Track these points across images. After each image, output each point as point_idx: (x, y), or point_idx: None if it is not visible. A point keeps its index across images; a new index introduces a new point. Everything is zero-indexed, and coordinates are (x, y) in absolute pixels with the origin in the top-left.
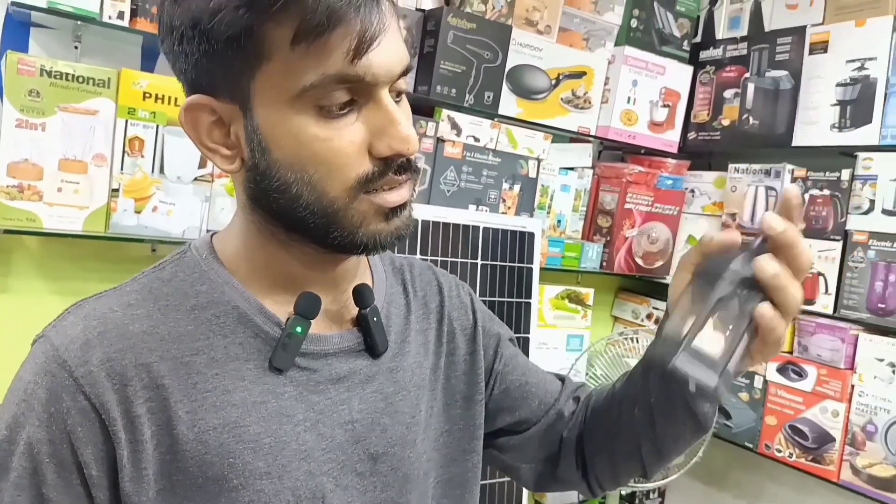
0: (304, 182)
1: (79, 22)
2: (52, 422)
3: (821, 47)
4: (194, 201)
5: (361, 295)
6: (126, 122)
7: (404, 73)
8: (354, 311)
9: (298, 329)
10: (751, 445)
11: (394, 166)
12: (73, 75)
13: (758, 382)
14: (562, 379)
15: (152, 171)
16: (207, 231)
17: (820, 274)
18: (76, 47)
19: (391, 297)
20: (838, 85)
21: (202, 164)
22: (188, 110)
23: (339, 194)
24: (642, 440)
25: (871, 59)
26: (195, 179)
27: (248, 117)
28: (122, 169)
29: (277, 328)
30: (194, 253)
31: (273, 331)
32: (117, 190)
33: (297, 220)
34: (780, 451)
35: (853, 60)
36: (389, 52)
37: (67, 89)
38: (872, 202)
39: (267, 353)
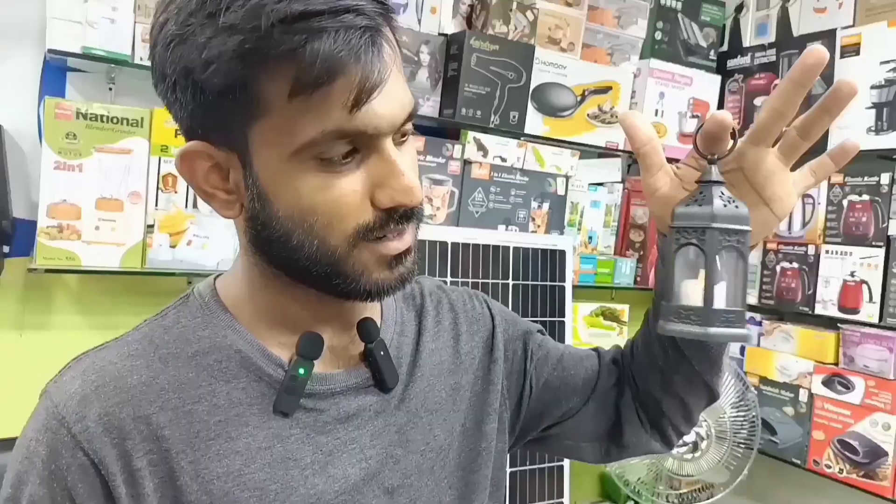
0: (305, 232)
1: (112, 65)
2: (52, 479)
3: (852, 50)
4: (227, 234)
5: (366, 329)
6: (159, 159)
7: (409, 118)
8: (361, 346)
9: (301, 371)
10: (798, 461)
11: (396, 216)
12: (108, 116)
13: (803, 396)
14: (597, 351)
15: (186, 205)
16: (210, 275)
17: (863, 282)
18: (110, 89)
19: (402, 325)
20: (873, 87)
21: None
22: (184, 158)
23: (340, 243)
24: (686, 364)
25: None
26: None
27: (247, 167)
28: (156, 205)
29: (281, 371)
30: (196, 297)
31: (277, 374)
32: (152, 226)
33: (300, 269)
34: (829, 467)
35: (887, 62)
36: (392, 101)
37: (103, 130)
38: None
39: (271, 397)
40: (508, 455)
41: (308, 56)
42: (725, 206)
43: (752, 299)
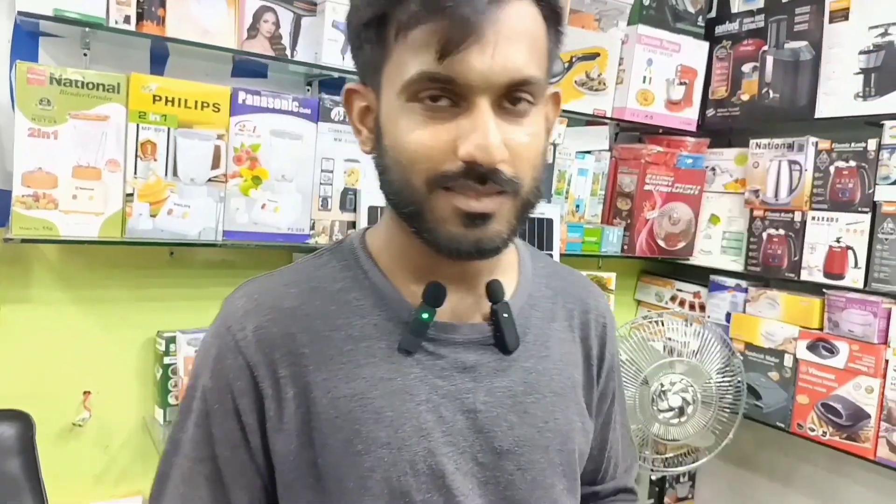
0: (397, 168)
1: (86, 29)
2: (219, 375)
3: (841, 15)
4: (209, 202)
5: (492, 290)
6: (137, 126)
7: (517, 86)
8: (488, 307)
9: (425, 315)
10: (782, 425)
11: (473, 174)
12: (83, 82)
13: (788, 361)
14: (633, 489)
15: (165, 174)
16: (363, 227)
17: (849, 248)
18: (85, 54)
19: (535, 300)
20: (861, 53)
21: (215, 165)
22: (345, 94)
23: (420, 185)
24: None
25: (894, 24)
26: (209, 180)
27: (379, 104)
28: (135, 173)
29: (409, 314)
30: (348, 243)
31: (405, 316)
32: (132, 194)
33: (393, 206)
34: (813, 430)
35: (876, 27)
36: (494, 60)
37: (78, 96)
38: None
39: (398, 336)
40: None
41: None
42: None
43: (738, 266)
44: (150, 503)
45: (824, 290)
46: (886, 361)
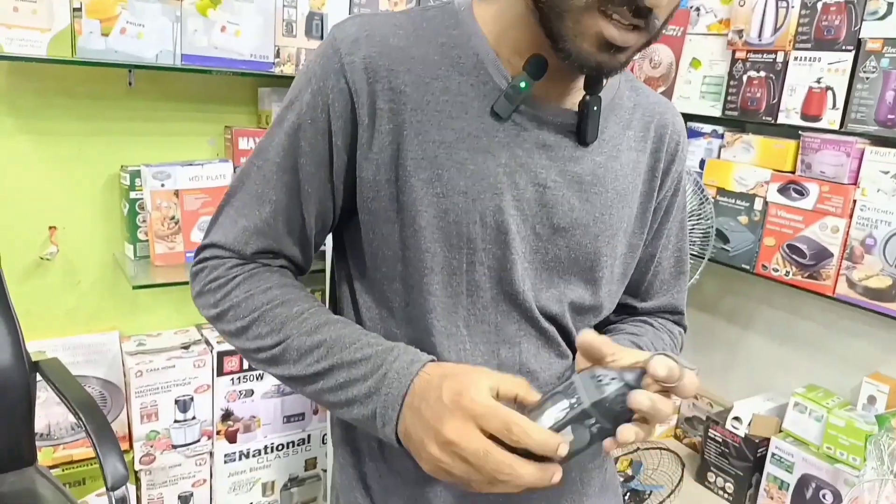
0: None
1: None
2: (319, 93)
3: None
4: (164, 22)
5: (592, 81)
6: None
7: None
8: (580, 96)
9: (523, 84)
10: (747, 267)
11: (633, 5)
12: None
13: (758, 205)
14: (678, 309)
15: None
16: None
17: (829, 88)
18: None
19: (616, 106)
20: None
21: None
22: None
23: None
24: None
25: None
26: None
27: None
28: None
29: (505, 81)
30: (456, 5)
31: (501, 83)
32: (80, 9)
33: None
34: (776, 271)
35: None
36: None
37: None
38: (891, 5)
39: (492, 100)
40: None
41: None
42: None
43: (716, 111)
44: (225, 198)
45: (800, 132)
46: (854, 202)
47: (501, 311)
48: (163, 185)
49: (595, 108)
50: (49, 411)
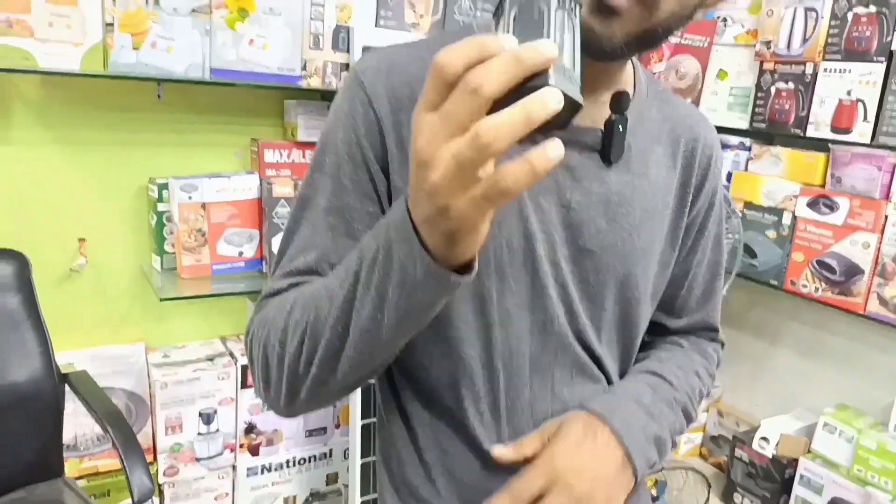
0: None
1: None
2: (350, 129)
3: None
4: (194, 35)
5: (619, 101)
6: None
7: None
8: (606, 114)
9: None
10: (775, 283)
11: None
12: None
13: (786, 219)
14: (713, 326)
15: (146, 2)
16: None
17: (859, 100)
18: None
19: (643, 119)
20: None
21: None
22: None
23: None
24: None
25: None
26: (193, 11)
27: None
28: (113, 1)
29: None
30: (475, 27)
31: None
32: (112, 24)
33: None
34: (805, 287)
35: None
36: None
37: None
38: None
39: None
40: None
41: None
42: None
43: (744, 123)
44: (277, 256)
45: (830, 145)
46: (886, 217)
47: (535, 338)
48: (190, 198)
49: (620, 127)
50: (75, 422)
